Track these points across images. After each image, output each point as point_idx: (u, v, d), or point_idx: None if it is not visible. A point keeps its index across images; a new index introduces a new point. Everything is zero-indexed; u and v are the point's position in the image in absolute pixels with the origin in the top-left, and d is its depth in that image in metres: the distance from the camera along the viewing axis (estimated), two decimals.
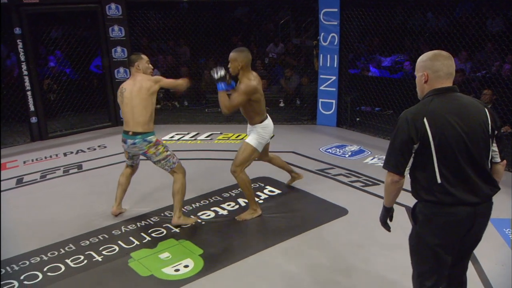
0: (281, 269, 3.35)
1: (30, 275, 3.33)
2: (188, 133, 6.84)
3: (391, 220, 2.41)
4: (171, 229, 3.95)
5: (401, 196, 2.31)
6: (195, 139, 6.58)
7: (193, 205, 4.40)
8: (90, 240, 3.80)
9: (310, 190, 4.65)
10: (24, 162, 5.83)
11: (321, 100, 7.07)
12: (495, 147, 2.19)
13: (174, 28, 7.83)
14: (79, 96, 7.46)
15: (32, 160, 5.90)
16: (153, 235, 3.87)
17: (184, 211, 4.25)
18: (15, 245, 3.75)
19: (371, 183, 4.82)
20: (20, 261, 3.50)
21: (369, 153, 5.78)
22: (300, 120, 7.38)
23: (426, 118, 2.09)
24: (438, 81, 2.16)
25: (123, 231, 3.94)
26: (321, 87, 7.00)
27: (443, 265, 2.24)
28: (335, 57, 6.76)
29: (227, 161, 4.97)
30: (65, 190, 4.90)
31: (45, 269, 3.40)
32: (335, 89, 6.89)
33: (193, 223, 4.03)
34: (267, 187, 4.77)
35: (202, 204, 4.39)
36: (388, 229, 2.43)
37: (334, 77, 6.85)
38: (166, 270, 3.36)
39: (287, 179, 4.87)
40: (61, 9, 7.00)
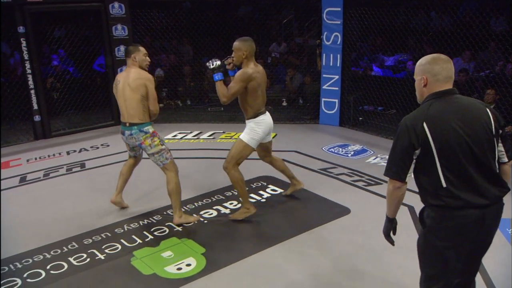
0: (283, 269, 3.35)
1: (33, 273, 3.35)
2: (190, 132, 6.85)
3: (394, 233, 2.37)
4: (174, 227, 3.96)
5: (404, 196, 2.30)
6: (197, 138, 6.59)
7: (196, 203, 4.41)
8: (93, 238, 3.82)
9: (312, 189, 4.65)
10: (27, 160, 5.86)
11: (323, 99, 7.06)
12: (501, 147, 2.16)
13: (177, 27, 7.84)
14: (82, 94, 7.48)
15: (35, 158, 5.92)
16: (155, 233, 3.88)
17: (186, 210, 4.26)
18: (18, 243, 3.76)
19: (373, 183, 4.82)
20: (23, 259, 3.52)
21: (372, 152, 5.77)
22: (302, 119, 7.38)
23: (425, 123, 2.07)
24: (437, 85, 2.14)
25: (126, 229, 3.96)
26: (324, 87, 7.00)
27: (452, 269, 2.22)
28: (338, 56, 6.75)
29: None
30: (68, 188, 4.92)
31: (48, 267, 3.42)
32: (338, 89, 6.89)
33: (196, 221, 4.03)
34: (269, 186, 4.77)
35: (204, 202, 4.40)
36: (391, 242, 2.39)
37: (337, 77, 6.84)
38: (168, 268, 3.37)
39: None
40: (65, 8, 7.02)
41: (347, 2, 6.52)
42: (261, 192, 4.63)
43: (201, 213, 4.21)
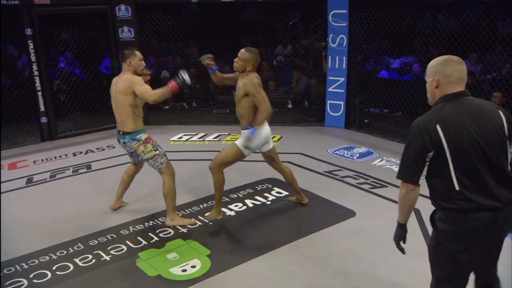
0: (288, 271, 3.34)
1: (39, 274, 3.37)
2: (196, 134, 6.86)
3: (404, 241, 2.34)
4: (179, 229, 3.96)
5: None
6: (203, 140, 6.60)
7: (201, 205, 4.41)
8: (98, 239, 3.83)
9: (317, 191, 4.64)
10: (34, 161, 5.89)
11: (329, 101, 7.05)
12: None
13: (183, 29, 7.87)
14: (88, 96, 7.51)
15: (42, 160, 5.96)
16: (160, 235, 3.88)
17: (192, 212, 4.27)
18: (25, 244, 3.79)
19: (379, 185, 4.81)
20: (29, 260, 3.54)
21: (378, 155, 5.75)
22: (308, 121, 7.37)
23: (439, 125, 2.06)
24: (449, 86, 2.13)
25: (131, 231, 3.97)
26: (330, 89, 6.99)
27: (463, 273, 2.19)
28: (344, 58, 6.74)
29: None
30: (74, 190, 4.94)
31: (54, 268, 3.43)
32: (343, 91, 6.88)
33: (189, 225, 4.02)
34: (274, 188, 4.77)
35: (209, 205, 4.40)
36: (402, 250, 2.36)
37: (342, 79, 6.83)
38: (173, 270, 3.37)
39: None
40: (72, 10, 7.06)
41: (353, 4, 6.52)
42: (266, 194, 4.63)
43: (206, 215, 4.21)
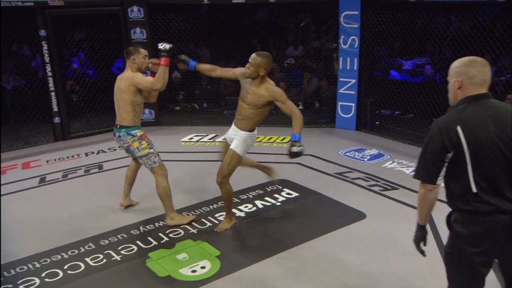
0: (298, 273, 3.34)
1: (51, 273, 3.40)
2: (207, 135, 6.88)
3: (425, 243, 2.32)
4: (189, 229, 3.98)
5: None
6: (213, 141, 6.61)
7: (211, 206, 4.42)
8: (109, 239, 3.86)
9: (327, 193, 4.63)
10: (47, 161, 5.96)
11: (340, 103, 7.03)
12: None
13: (194, 30, 7.90)
14: (101, 97, 7.57)
15: (54, 159, 6.02)
16: (170, 235, 3.90)
17: (201, 212, 4.28)
18: (37, 243, 3.83)
19: (390, 188, 4.77)
20: (41, 259, 3.58)
21: (389, 157, 5.72)
22: (319, 123, 7.35)
23: (459, 126, 2.05)
24: (472, 88, 2.12)
25: (142, 231, 3.99)
26: (341, 90, 6.96)
27: (478, 276, 2.17)
28: (355, 60, 6.71)
29: None
30: (85, 189, 4.99)
31: (66, 267, 3.47)
32: (354, 92, 6.85)
33: (190, 222, 4.05)
34: (284, 189, 4.76)
35: (219, 205, 4.41)
36: (422, 252, 2.34)
37: (353, 80, 6.80)
38: (183, 270, 3.39)
39: (305, 182, 4.87)
40: (85, 11, 7.13)
41: (364, 5, 6.49)
42: (276, 195, 4.63)
43: (216, 216, 4.23)
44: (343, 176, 5.15)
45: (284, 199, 4.56)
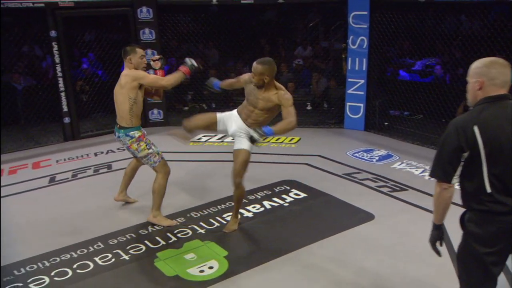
0: (304, 274, 3.33)
1: (60, 272, 3.43)
2: (215, 135, 6.89)
3: (441, 243, 2.31)
4: (197, 230, 3.99)
5: (431, 203, 2.26)
6: (221, 141, 6.62)
7: (218, 206, 4.43)
8: (117, 239, 3.89)
9: (336, 194, 4.62)
10: (57, 161, 6.01)
11: (348, 103, 7.00)
12: None
13: (203, 30, 7.92)
14: (110, 97, 7.55)
15: (64, 159, 6.07)
16: (179, 235, 3.92)
17: (209, 213, 4.29)
18: (47, 241, 3.87)
19: (398, 189, 4.75)
20: (51, 258, 3.61)
21: (398, 158, 5.68)
22: (327, 123, 7.33)
23: (477, 126, 2.05)
24: (493, 89, 2.11)
25: (150, 230, 4.01)
26: (349, 91, 6.94)
27: (490, 276, 2.16)
28: (364, 60, 6.69)
29: (253, 163, 4.97)
30: (95, 189, 5.02)
31: (75, 266, 3.49)
32: (363, 93, 6.82)
33: (168, 226, 4.04)
34: (292, 190, 4.75)
35: (227, 206, 4.42)
36: (438, 252, 2.33)
37: (362, 81, 6.78)
38: (191, 270, 3.40)
39: (313, 183, 4.85)
40: (95, 12, 7.18)
41: (374, 5, 6.46)
42: (284, 196, 4.62)
43: (224, 216, 4.23)
44: (351, 177, 5.13)
45: (292, 199, 4.56)
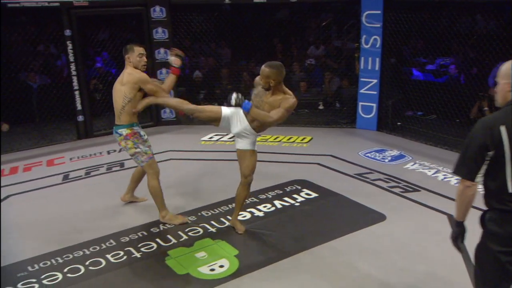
0: (315, 273, 3.32)
1: (73, 268, 3.48)
2: (226, 134, 6.90)
3: (462, 240, 2.30)
4: (208, 228, 4.01)
5: (444, 204, 2.24)
6: (233, 140, 6.61)
7: (229, 205, 4.44)
8: (129, 236, 3.92)
9: (347, 194, 4.60)
10: (70, 159, 6.08)
11: (361, 103, 6.96)
12: None
13: (216, 30, 7.93)
14: None
15: (78, 157, 6.14)
16: (190, 234, 3.94)
17: (220, 212, 4.31)
18: (60, 238, 3.92)
19: (411, 189, 4.71)
20: (64, 254, 3.66)
21: (410, 158, 5.64)
22: (339, 123, 7.29)
23: (504, 126, 2.05)
24: None
25: (161, 229, 4.04)
26: (362, 90, 6.89)
27: (508, 278, 2.15)
28: (377, 60, 6.64)
29: (264, 162, 4.99)
30: (107, 187, 5.07)
31: (87, 263, 3.54)
32: (376, 93, 6.77)
33: (180, 223, 4.07)
34: (303, 190, 4.74)
35: None
36: (459, 249, 2.32)
37: (375, 80, 6.73)
38: (202, 269, 3.41)
39: (324, 183, 4.84)
40: (109, 11, 7.25)
41: (387, 5, 6.41)
42: (295, 196, 4.62)
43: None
44: (363, 177, 5.10)
45: (303, 199, 4.55)
